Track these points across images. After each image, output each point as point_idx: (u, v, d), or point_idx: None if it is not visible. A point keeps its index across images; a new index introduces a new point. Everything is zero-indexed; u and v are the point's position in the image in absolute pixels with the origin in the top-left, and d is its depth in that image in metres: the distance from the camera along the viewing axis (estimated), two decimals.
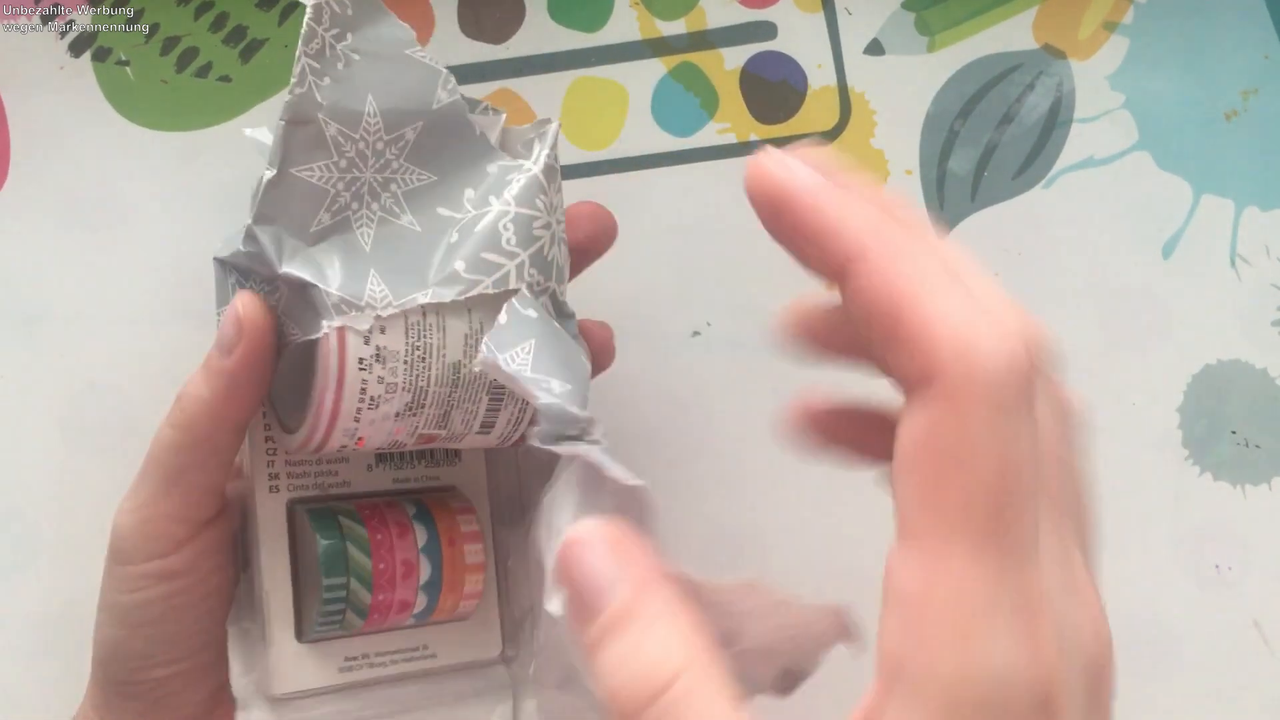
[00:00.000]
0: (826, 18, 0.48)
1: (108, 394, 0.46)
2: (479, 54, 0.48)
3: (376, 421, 0.34)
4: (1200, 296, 0.48)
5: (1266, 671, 0.47)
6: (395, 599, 0.36)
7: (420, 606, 0.37)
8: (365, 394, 0.33)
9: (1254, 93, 0.49)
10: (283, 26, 0.47)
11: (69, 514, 0.46)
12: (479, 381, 0.34)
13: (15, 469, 0.46)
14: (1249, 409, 0.48)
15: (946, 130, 0.48)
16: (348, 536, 0.36)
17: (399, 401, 0.34)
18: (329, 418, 0.33)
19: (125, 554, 0.36)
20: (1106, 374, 0.47)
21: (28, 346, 0.46)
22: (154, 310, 0.47)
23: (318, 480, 0.38)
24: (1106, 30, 0.49)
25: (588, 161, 0.48)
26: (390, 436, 0.35)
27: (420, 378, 0.33)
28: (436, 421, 0.35)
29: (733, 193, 0.48)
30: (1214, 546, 0.47)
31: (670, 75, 0.48)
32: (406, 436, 0.35)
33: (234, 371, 0.35)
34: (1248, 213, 0.48)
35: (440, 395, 0.34)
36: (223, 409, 0.35)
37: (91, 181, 0.47)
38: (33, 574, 0.46)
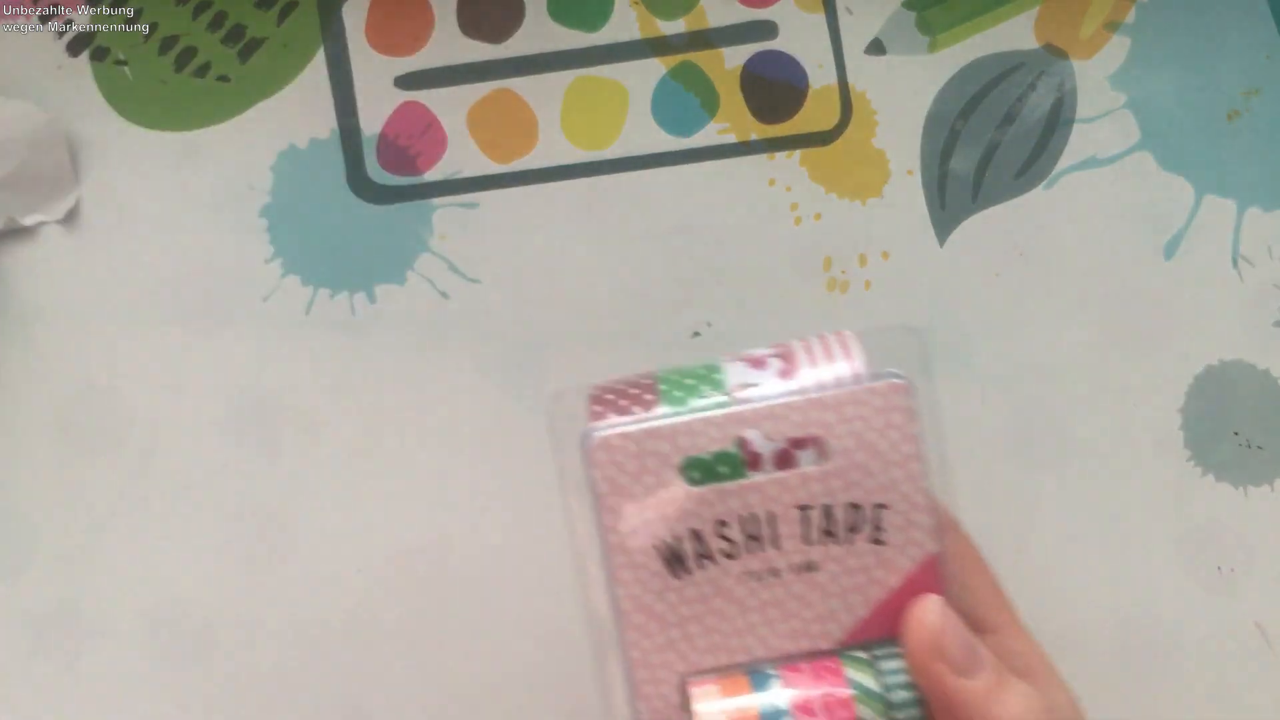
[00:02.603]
0: (827, 17, 0.48)
1: (108, 394, 0.46)
2: (478, 53, 0.48)
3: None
4: (1202, 297, 0.48)
5: (1268, 672, 0.47)
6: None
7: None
8: None
9: (1256, 93, 0.48)
10: (281, 26, 0.47)
11: (69, 514, 0.46)
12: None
13: (15, 469, 0.46)
14: (1251, 410, 0.48)
15: (948, 130, 0.48)
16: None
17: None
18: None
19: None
20: (1108, 374, 0.47)
21: (28, 347, 0.46)
22: (153, 310, 0.47)
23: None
24: (1108, 30, 0.48)
25: (588, 161, 0.47)
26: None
27: None
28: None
29: (733, 193, 0.48)
30: (1216, 547, 0.47)
31: (670, 75, 0.48)
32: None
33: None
34: (1250, 213, 0.48)
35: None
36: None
37: (91, 181, 0.47)
38: (33, 574, 0.46)
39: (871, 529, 0.32)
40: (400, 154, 0.47)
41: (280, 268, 0.47)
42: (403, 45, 0.48)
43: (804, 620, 0.32)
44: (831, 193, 0.48)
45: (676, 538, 0.31)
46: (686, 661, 0.32)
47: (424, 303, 0.47)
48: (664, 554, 0.32)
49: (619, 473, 0.31)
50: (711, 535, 0.31)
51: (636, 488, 0.31)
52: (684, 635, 0.32)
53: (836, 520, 0.32)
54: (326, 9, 0.47)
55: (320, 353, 0.47)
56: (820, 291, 0.47)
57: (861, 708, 0.30)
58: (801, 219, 0.48)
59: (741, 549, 0.32)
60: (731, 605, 0.32)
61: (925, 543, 0.32)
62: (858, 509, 0.32)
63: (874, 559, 0.32)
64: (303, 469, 0.46)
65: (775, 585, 0.32)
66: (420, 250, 0.47)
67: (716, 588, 0.32)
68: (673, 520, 0.31)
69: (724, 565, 0.32)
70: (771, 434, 0.31)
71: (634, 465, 0.31)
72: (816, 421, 0.31)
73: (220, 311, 0.47)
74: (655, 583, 0.32)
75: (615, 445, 0.31)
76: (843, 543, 0.32)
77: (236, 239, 0.47)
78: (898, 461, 0.32)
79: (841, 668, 0.31)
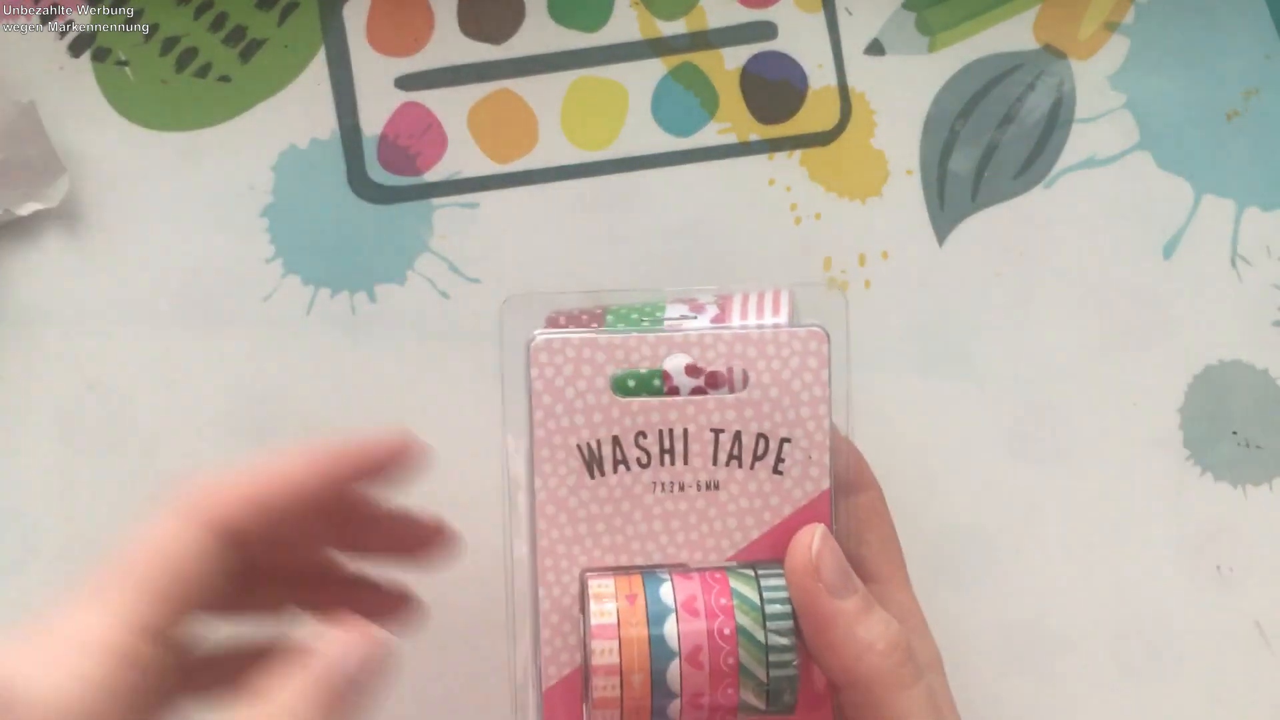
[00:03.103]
0: (827, 17, 0.48)
1: (108, 394, 0.46)
2: (479, 54, 0.48)
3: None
4: (1201, 297, 0.48)
5: (1268, 672, 0.47)
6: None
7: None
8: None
9: (1255, 93, 0.48)
10: (282, 26, 0.47)
11: (69, 514, 0.46)
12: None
13: (15, 469, 0.46)
14: (1250, 409, 0.48)
15: (947, 130, 0.48)
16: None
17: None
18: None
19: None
20: (1107, 374, 0.47)
21: (28, 346, 0.46)
22: (154, 310, 0.47)
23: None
24: (1107, 30, 0.48)
25: (588, 162, 0.48)
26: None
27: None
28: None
29: (732, 193, 0.48)
30: (1215, 547, 0.47)
31: (670, 75, 0.48)
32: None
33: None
34: (1249, 213, 0.48)
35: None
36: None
37: (91, 182, 0.47)
38: (33, 574, 0.46)
39: (774, 459, 0.35)
40: (401, 154, 0.47)
41: (281, 267, 0.47)
42: (403, 46, 0.48)
43: (701, 534, 0.35)
44: (831, 193, 0.48)
45: (598, 441, 0.35)
46: (589, 556, 0.35)
47: (424, 302, 0.47)
48: (584, 454, 0.35)
49: (556, 374, 0.35)
50: (629, 444, 0.35)
51: (569, 390, 0.35)
52: (590, 532, 0.35)
53: (744, 447, 0.35)
54: (327, 10, 0.47)
55: (321, 352, 0.47)
56: (820, 291, 0.47)
57: (740, 615, 0.33)
58: (801, 219, 0.48)
59: (654, 460, 0.35)
60: (638, 511, 0.35)
61: (820, 479, 0.35)
62: (764, 439, 0.35)
63: (772, 487, 0.35)
64: None
65: (680, 498, 0.35)
66: (420, 250, 0.47)
67: (626, 492, 0.35)
68: (596, 425, 0.35)
69: (636, 473, 0.35)
70: (698, 360, 0.35)
71: (570, 370, 0.35)
72: (740, 355, 0.35)
73: (221, 311, 0.47)
74: (571, 479, 0.35)
75: (555, 349, 0.35)
76: (746, 468, 0.35)
77: (237, 239, 0.47)
78: (807, 402, 0.35)
79: (727, 579, 0.34)
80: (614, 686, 0.33)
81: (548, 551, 0.35)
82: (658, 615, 0.33)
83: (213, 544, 0.31)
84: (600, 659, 0.33)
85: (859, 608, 0.34)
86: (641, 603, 0.34)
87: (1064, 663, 0.47)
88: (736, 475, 0.35)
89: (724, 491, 0.35)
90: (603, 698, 0.33)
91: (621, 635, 0.33)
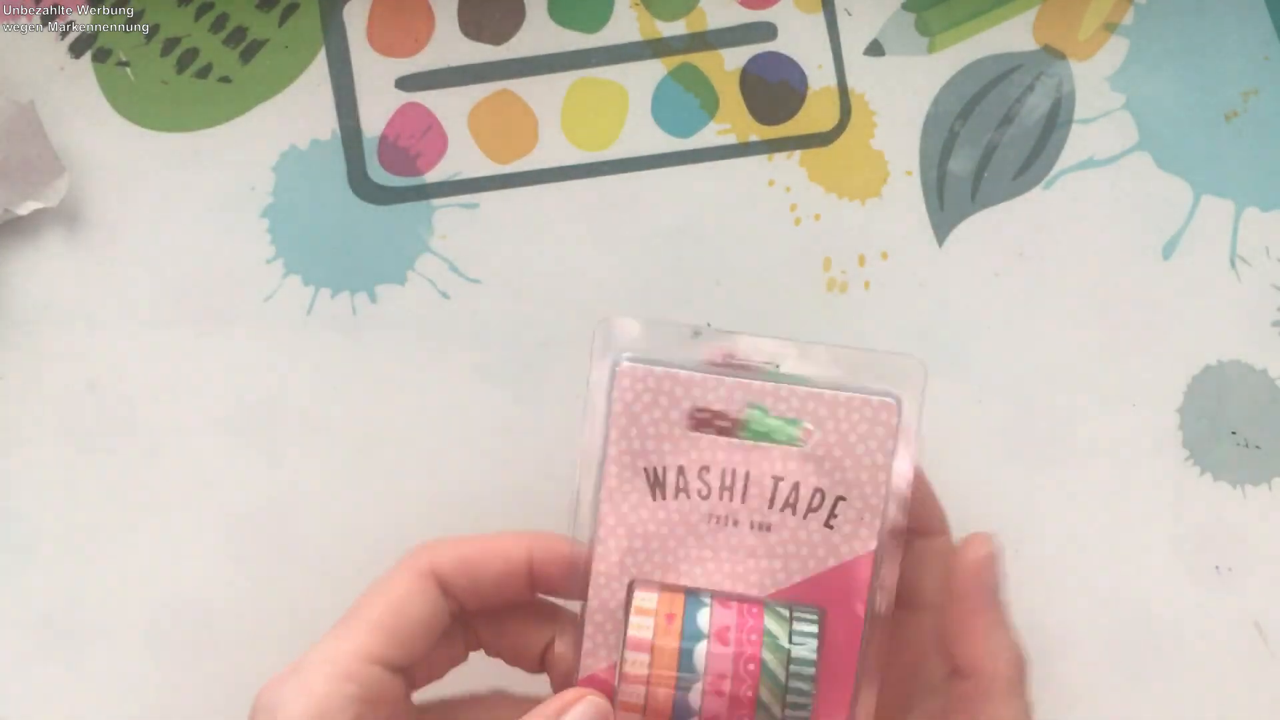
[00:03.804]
0: (826, 18, 0.48)
1: (108, 394, 0.46)
2: (479, 55, 0.48)
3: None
4: (1200, 297, 0.48)
5: (1267, 672, 0.47)
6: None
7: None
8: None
9: (1254, 93, 0.49)
10: (283, 27, 0.47)
11: (69, 514, 0.46)
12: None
13: (15, 469, 0.46)
14: (1249, 410, 0.48)
15: (947, 131, 0.48)
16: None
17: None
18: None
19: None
20: (1106, 375, 0.48)
21: (29, 347, 0.46)
22: (154, 311, 0.47)
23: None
24: (1107, 31, 0.49)
25: (588, 162, 0.48)
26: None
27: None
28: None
29: (733, 193, 0.48)
30: (1214, 547, 0.47)
31: (670, 76, 0.48)
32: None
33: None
34: (1248, 214, 0.48)
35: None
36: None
37: (92, 182, 0.47)
38: (33, 574, 0.46)
39: (827, 514, 0.37)
40: (401, 155, 0.47)
41: (281, 268, 0.47)
42: (404, 47, 0.48)
43: (746, 569, 0.37)
44: (831, 193, 0.48)
45: (664, 467, 0.37)
46: (640, 570, 0.37)
47: (425, 303, 0.47)
48: (650, 477, 0.37)
49: (635, 400, 0.37)
50: (693, 475, 0.37)
51: (645, 416, 0.37)
52: (645, 548, 0.37)
53: (800, 497, 0.37)
54: (328, 11, 0.47)
55: (321, 353, 0.47)
56: (820, 291, 0.47)
57: (766, 652, 0.35)
58: (801, 219, 0.48)
59: (714, 494, 0.37)
60: (691, 537, 0.37)
61: (869, 540, 0.37)
62: (821, 494, 0.37)
63: (821, 538, 0.37)
64: (303, 469, 0.46)
65: (732, 533, 0.37)
66: (421, 250, 0.47)
67: (684, 519, 0.37)
68: (665, 453, 0.37)
69: (695, 502, 0.37)
70: (771, 408, 0.37)
71: (649, 398, 0.37)
72: (811, 412, 0.37)
73: (221, 312, 0.47)
74: (635, 498, 0.37)
75: (638, 376, 0.37)
76: (799, 516, 0.37)
77: (238, 239, 0.47)
78: (868, 467, 0.37)
79: (763, 615, 0.36)
80: (639, 695, 0.35)
81: (603, 559, 0.37)
82: (691, 637, 0.35)
83: (433, 591, 0.37)
84: (631, 668, 0.35)
85: (1005, 616, 0.38)
86: (678, 623, 0.36)
87: (1063, 662, 0.47)
88: (789, 521, 0.37)
89: (774, 534, 0.37)
90: (628, 703, 0.35)
91: (654, 651, 0.35)
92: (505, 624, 0.39)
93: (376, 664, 0.35)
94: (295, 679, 0.34)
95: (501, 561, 0.37)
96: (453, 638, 0.38)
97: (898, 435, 0.37)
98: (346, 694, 0.34)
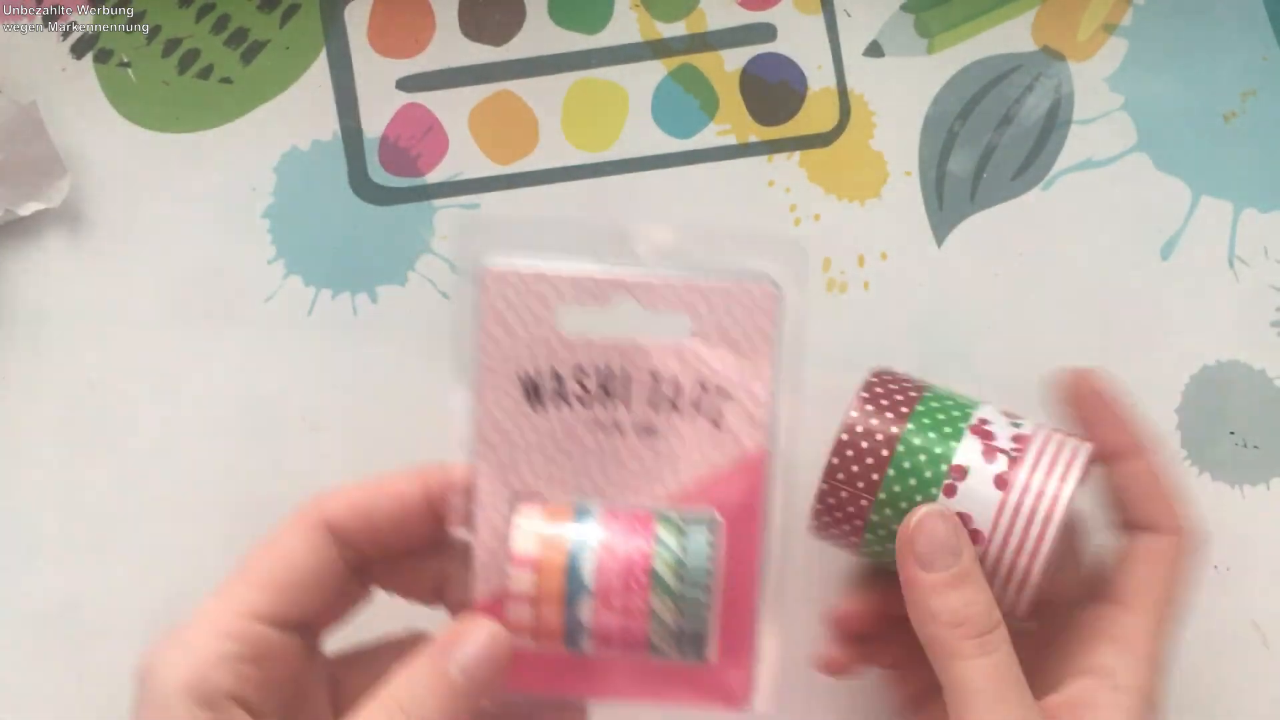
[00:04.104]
0: (826, 19, 0.48)
1: (108, 394, 0.46)
2: (479, 56, 0.48)
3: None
4: (1199, 298, 0.48)
5: (1265, 671, 0.47)
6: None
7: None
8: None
9: (1253, 94, 0.49)
10: (284, 29, 0.47)
11: (69, 514, 0.46)
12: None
13: (15, 469, 0.46)
14: (1247, 410, 0.48)
15: (946, 132, 0.48)
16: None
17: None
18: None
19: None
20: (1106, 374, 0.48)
21: (29, 347, 0.46)
22: (155, 311, 0.47)
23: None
24: (1105, 32, 0.49)
25: (588, 163, 0.48)
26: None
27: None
28: None
29: (733, 194, 0.48)
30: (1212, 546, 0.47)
31: (670, 77, 0.48)
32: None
33: (482, 708, 0.34)
34: (1246, 214, 0.48)
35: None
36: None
37: (93, 183, 0.47)
38: (33, 574, 0.46)
39: (713, 411, 0.35)
40: (402, 156, 0.47)
41: (282, 269, 0.47)
42: (404, 48, 0.48)
43: (633, 476, 0.35)
44: (830, 194, 0.48)
45: (538, 373, 0.35)
46: (524, 484, 0.35)
47: (426, 303, 0.47)
48: (525, 384, 0.35)
49: (504, 305, 0.35)
50: (570, 379, 0.35)
51: (515, 321, 0.35)
52: (527, 461, 0.35)
53: (683, 394, 0.35)
54: (329, 12, 0.48)
55: (322, 353, 0.47)
56: (819, 292, 0.47)
57: (657, 561, 0.33)
58: (800, 220, 0.48)
59: (594, 399, 0.35)
60: (574, 446, 0.35)
61: (758, 438, 0.35)
62: (704, 389, 0.35)
63: (709, 439, 0.35)
64: (304, 469, 0.46)
65: (616, 439, 0.35)
66: (422, 251, 0.47)
67: (564, 427, 0.35)
68: (539, 357, 0.35)
69: (575, 409, 0.35)
70: (644, 303, 0.35)
71: (518, 300, 0.35)
72: (688, 304, 0.35)
73: (222, 312, 0.47)
74: (511, 407, 0.35)
75: (505, 279, 0.35)
76: (684, 416, 0.35)
77: (239, 240, 0.47)
78: (750, 355, 0.35)
79: (654, 524, 0.34)
80: (527, 613, 0.34)
81: (484, 474, 0.36)
82: (577, 550, 0.34)
83: (322, 542, 0.35)
84: (517, 586, 0.34)
85: (943, 582, 0.37)
86: (564, 536, 0.34)
87: None
88: (674, 422, 0.35)
89: (660, 438, 0.35)
90: (517, 623, 0.34)
91: (540, 567, 0.34)
92: (399, 560, 0.37)
93: (262, 621, 0.34)
94: (175, 640, 0.34)
95: (395, 502, 0.36)
96: (351, 586, 0.37)
97: (779, 324, 0.35)
98: (226, 652, 0.33)
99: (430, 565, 0.37)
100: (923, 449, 0.38)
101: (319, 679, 0.38)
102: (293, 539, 0.35)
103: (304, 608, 0.35)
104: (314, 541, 0.35)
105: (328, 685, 0.37)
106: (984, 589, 0.37)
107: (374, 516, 0.36)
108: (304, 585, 0.35)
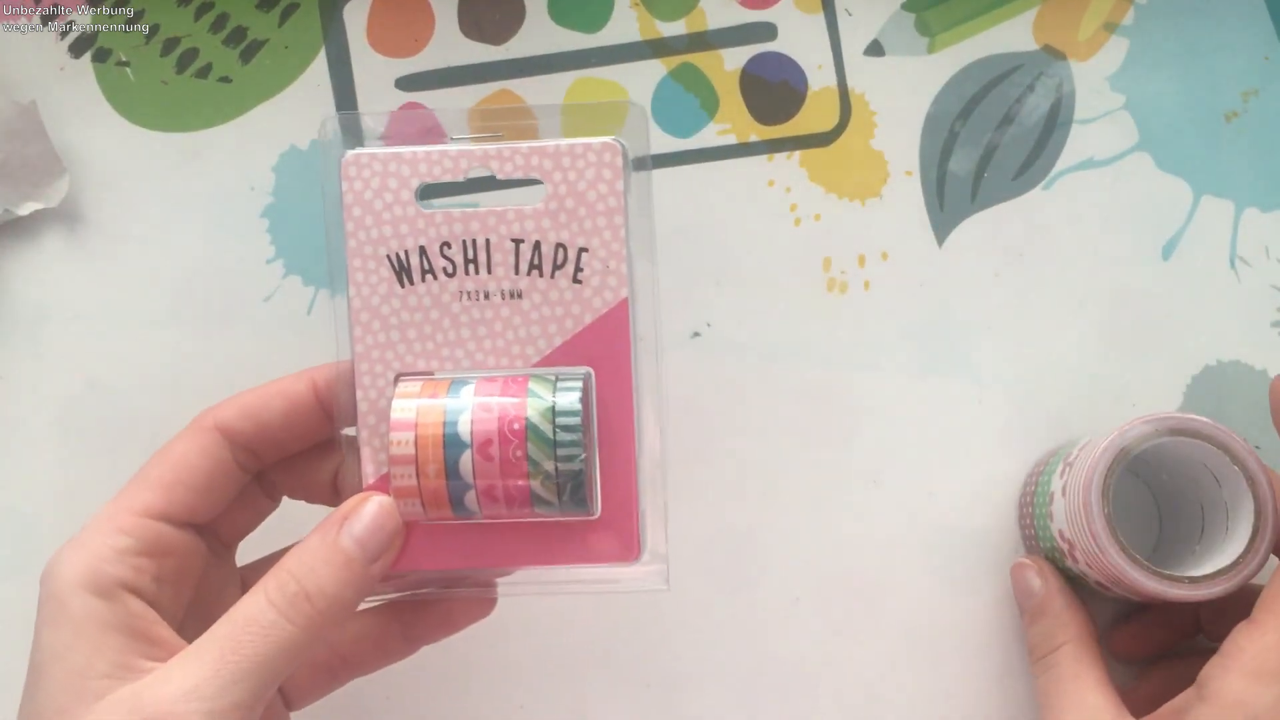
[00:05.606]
0: (826, 19, 0.48)
1: (108, 394, 0.46)
2: (479, 55, 0.48)
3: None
4: (1200, 298, 0.48)
5: None
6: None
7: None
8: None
9: (1254, 94, 0.49)
10: (283, 28, 0.47)
11: (69, 514, 0.46)
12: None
13: (15, 469, 0.46)
14: (1248, 410, 0.48)
15: (947, 131, 0.48)
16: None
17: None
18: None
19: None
20: (1106, 375, 0.48)
21: (28, 347, 0.46)
22: (154, 311, 0.47)
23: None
24: (1106, 31, 0.49)
25: None
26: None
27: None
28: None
29: (733, 193, 0.48)
30: None
31: (670, 76, 0.48)
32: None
33: (376, 577, 0.35)
34: (1248, 214, 0.48)
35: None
36: (354, 607, 0.35)
37: (92, 182, 0.47)
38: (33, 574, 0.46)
39: (573, 269, 0.37)
40: None
41: (281, 268, 0.47)
42: (404, 47, 0.48)
43: (506, 341, 0.37)
44: (831, 194, 0.48)
45: (405, 251, 0.37)
46: (402, 362, 0.37)
47: None
48: (394, 264, 0.37)
49: (365, 188, 0.37)
50: (435, 254, 0.37)
51: (378, 203, 0.37)
52: (403, 338, 0.37)
53: (544, 256, 0.37)
54: (328, 11, 0.47)
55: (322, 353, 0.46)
56: (820, 292, 0.47)
57: (531, 411, 0.35)
58: (801, 220, 0.48)
59: (459, 269, 0.37)
60: (446, 318, 0.37)
61: (619, 288, 0.37)
62: (563, 249, 0.37)
63: (572, 295, 0.37)
64: None
65: (485, 306, 0.37)
66: None
67: (435, 301, 0.37)
68: (404, 235, 0.37)
69: (443, 282, 0.37)
70: (498, 171, 0.37)
71: (378, 183, 0.37)
72: (537, 166, 0.37)
73: (222, 312, 0.47)
74: (383, 288, 0.37)
75: (364, 163, 0.37)
76: (547, 277, 0.37)
77: (238, 239, 0.47)
78: (603, 211, 0.36)
79: (528, 382, 0.36)
80: (410, 475, 0.35)
81: (364, 357, 0.37)
82: (454, 411, 0.35)
83: (213, 444, 0.37)
84: (397, 449, 0.35)
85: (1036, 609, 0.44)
86: (441, 400, 0.35)
87: None
88: (538, 284, 0.37)
89: (527, 300, 0.37)
90: (401, 486, 0.35)
91: (418, 429, 0.35)
92: (295, 462, 0.39)
93: (156, 518, 0.36)
94: (72, 542, 0.35)
95: (283, 400, 0.37)
96: (253, 492, 0.39)
97: (626, 176, 0.37)
98: (120, 546, 0.35)
99: (327, 464, 0.39)
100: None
101: (231, 582, 0.39)
102: (185, 443, 0.37)
103: (196, 506, 0.37)
104: (204, 444, 0.37)
105: (241, 590, 0.39)
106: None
107: (263, 417, 0.37)
108: (196, 485, 0.36)
